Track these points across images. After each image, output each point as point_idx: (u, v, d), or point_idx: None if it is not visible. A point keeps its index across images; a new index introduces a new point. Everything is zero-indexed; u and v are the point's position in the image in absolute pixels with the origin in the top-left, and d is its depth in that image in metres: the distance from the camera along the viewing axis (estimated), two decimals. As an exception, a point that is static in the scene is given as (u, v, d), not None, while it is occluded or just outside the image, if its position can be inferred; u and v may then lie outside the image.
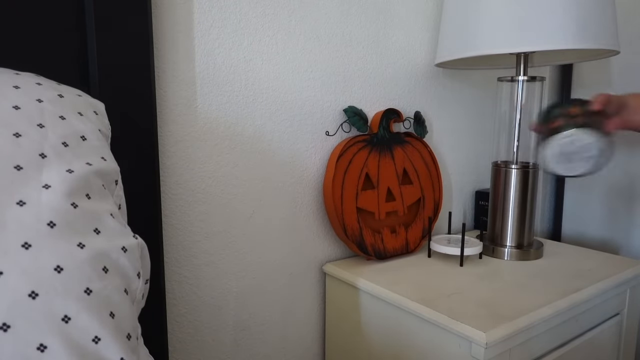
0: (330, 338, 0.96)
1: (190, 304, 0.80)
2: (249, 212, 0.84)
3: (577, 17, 0.82)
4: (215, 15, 0.76)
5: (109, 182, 0.45)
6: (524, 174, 0.97)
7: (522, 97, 0.97)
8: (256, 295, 0.87)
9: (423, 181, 1.02)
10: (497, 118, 1.04)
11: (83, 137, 0.43)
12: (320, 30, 0.89)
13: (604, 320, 0.89)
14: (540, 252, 0.98)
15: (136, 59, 0.65)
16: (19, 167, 0.37)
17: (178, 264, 0.78)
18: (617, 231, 1.29)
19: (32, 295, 0.33)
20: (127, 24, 0.64)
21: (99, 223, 0.40)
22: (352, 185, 0.90)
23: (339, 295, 0.91)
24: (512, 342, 0.69)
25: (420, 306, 0.73)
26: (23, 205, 0.35)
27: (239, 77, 0.80)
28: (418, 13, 1.03)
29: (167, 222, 0.76)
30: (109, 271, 0.38)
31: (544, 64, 1.13)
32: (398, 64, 1.02)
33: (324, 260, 0.96)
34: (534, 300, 0.75)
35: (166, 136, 0.74)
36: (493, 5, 0.86)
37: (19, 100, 0.41)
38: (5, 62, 0.54)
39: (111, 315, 0.37)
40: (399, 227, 0.97)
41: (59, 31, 0.60)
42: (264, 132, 0.84)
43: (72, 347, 0.33)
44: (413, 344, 0.76)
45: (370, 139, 0.94)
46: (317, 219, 0.94)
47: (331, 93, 0.92)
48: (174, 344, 0.79)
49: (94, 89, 0.62)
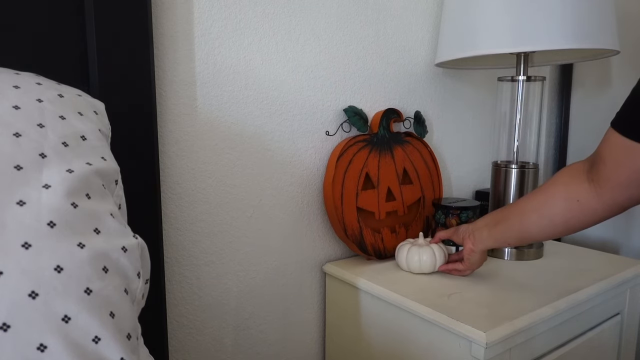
0: (330, 338, 0.96)
1: (190, 304, 0.80)
2: (249, 212, 0.84)
3: (577, 17, 0.82)
4: (215, 15, 0.76)
5: (109, 182, 0.45)
6: (524, 174, 0.97)
7: (522, 97, 0.97)
8: (256, 295, 0.87)
9: (423, 181, 1.02)
10: (497, 118, 1.04)
11: (83, 137, 0.43)
12: (320, 30, 0.89)
13: (604, 320, 0.89)
14: (540, 252, 0.98)
15: (136, 59, 0.65)
16: (19, 167, 0.37)
17: (178, 264, 0.78)
18: (617, 231, 1.29)
19: (32, 295, 0.33)
20: (127, 24, 0.64)
21: (99, 223, 0.40)
22: (352, 185, 0.90)
23: (339, 295, 0.91)
24: (512, 342, 0.69)
25: (420, 306, 0.73)
26: (23, 205, 0.35)
27: (239, 77, 0.80)
28: (418, 13, 1.03)
29: (167, 222, 0.76)
30: (109, 271, 0.38)
31: (544, 64, 1.13)
32: (398, 64, 1.02)
33: (324, 260, 0.96)
34: (534, 300, 0.75)
35: (166, 136, 0.74)
36: (493, 5, 0.86)
37: (19, 100, 0.41)
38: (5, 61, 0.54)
39: (111, 315, 0.37)
40: (399, 227, 0.97)
41: (59, 31, 0.60)
42: (264, 132, 0.84)
43: (72, 347, 0.33)
44: (413, 344, 0.76)
45: (371, 139, 0.94)
46: (317, 219, 0.94)
47: (331, 93, 0.92)
48: (174, 344, 0.79)
49: (93, 89, 0.62)
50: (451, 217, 0.92)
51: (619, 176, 0.59)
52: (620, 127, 0.58)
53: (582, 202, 0.64)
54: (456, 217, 0.91)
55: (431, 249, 0.85)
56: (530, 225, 0.70)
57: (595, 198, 0.63)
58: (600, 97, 1.32)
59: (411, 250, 0.86)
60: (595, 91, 1.33)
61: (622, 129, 0.57)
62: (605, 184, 0.61)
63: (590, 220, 0.65)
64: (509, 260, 0.96)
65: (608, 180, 0.61)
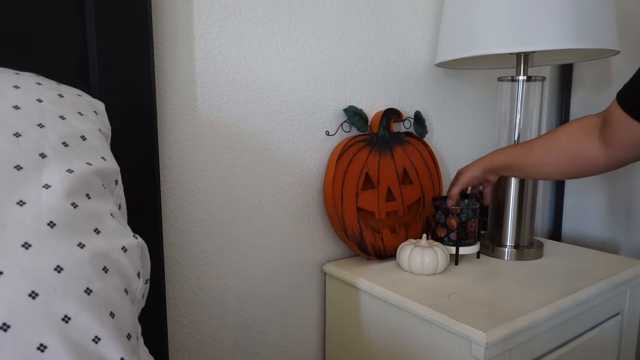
0: (330, 338, 0.96)
1: (190, 304, 0.80)
2: (249, 212, 0.84)
3: (577, 17, 0.82)
4: (215, 15, 0.76)
5: (109, 182, 0.45)
6: (524, 173, 0.97)
7: (522, 97, 0.97)
8: (256, 295, 0.87)
9: (423, 181, 1.02)
10: (497, 118, 1.04)
11: (83, 137, 0.43)
12: (320, 30, 0.89)
13: (604, 320, 0.89)
14: (540, 252, 0.98)
15: (136, 59, 0.65)
16: (19, 167, 0.37)
17: (178, 264, 0.78)
18: (617, 231, 1.29)
19: (32, 295, 0.33)
20: (127, 24, 0.64)
21: (99, 223, 0.40)
22: (352, 185, 0.90)
23: (339, 295, 0.91)
24: (512, 342, 0.69)
25: (420, 306, 0.73)
26: (23, 205, 0.35)
27: (239, 77, 0.80)
28: (418, 13, 1.03)
29: (167, 222, 0.76)
30: (109, 271, 0.38)
31: (544, 64, 1.13)
32: (398, 64, 1.02)
33: (324, 260, 0.96)
34: (534, 300, 0.75)
35: (166, 136, 0.74)
36: (493, 5, 0.86)
37: (19, 100, 0.41)
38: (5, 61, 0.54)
39: (111, 315, 0.37)
40: (399, 226, 0.97)
41: (59, 31, 0.60)
42: (264, 132, 0.84)
43: (72, 347, 0.33)
44: (413, 344, 0.76)
45: (371, 139, 0.94)
46: (317, 219, 0.94)
47: (331, 93, 0.92)
48: (174, 344, 0.79)
49: (93, 89, 0.62)
50: (451, 217, 0.92)
51: (625, 139, 0.69)
52: (622, 102, 0.68)
53: (591, 159, 0.75)
54: (456, 217, 0.91)
55: (434, 251, 0.85)
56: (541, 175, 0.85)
57: (603, 155, 0.73)
58: (600, 97, 1.32)
59: (414, 251, 0.86)
60: (595, 91, 1.33)
61: (623, 103, 0.68)
62: (614, 144, 0.71)
63: (593, 172, 0.78)
64: (509, 260, 0.96)
65: (616, 142, 0.71)
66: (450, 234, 0.92)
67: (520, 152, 0.85)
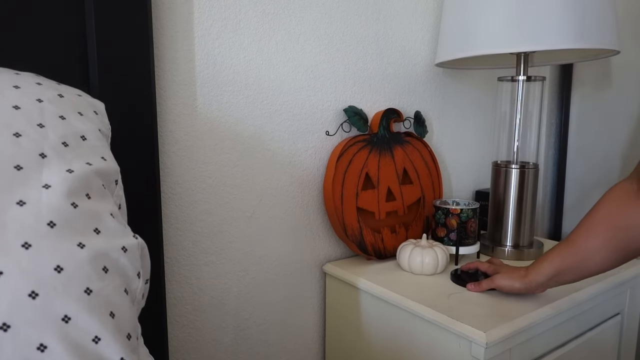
0: (330, 338, 0.96)
1: (190, 304, 0.80)
2: (249, 212, 0.84)
3: (577, 17, 0.82)
4: (215, 15, 0.76)
5: (109, 182, 0.45)
6: (524, 173, 0.97)
7: (522, 97, 0.97)
8: (256, 295, 0.87)
9: (423, 181, 1.02)
10: (497, 118, 1.04)
11: (83, 137, 0.43)
12: (320, 30, 0.89)
13: (604, 320, 0.89)
14: (540, 252, 0.98)
15: (136, 59, 0.65)
16: (19, 167, 0.37)
17: (178, 264, 0.78)
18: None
19: (32, 295, 0.33)
20: (127, 24, 0.64)
21: (99, 223, 0.40)
22: (352, 185, 0.90)
23: (339, 295, 0.91)
24: (512, 342, 0.69)
25: (420, 306, 0.73)
26: (23, 205, 0.35)
27: (239, 77, 0.80)
28: (418, 13, 1.03)
29: (167, 222, 0.76)
30: (109, 271, 0.38)
31: (544, 64, 1.13)
32: (398, 64, 1.02)
33: (324, 260, 0.96)
34: (534, 300, 0.75)
35: (166, 136, 0.74)
36: (493, 5, 0.86)
37: (19, 100, 0.41)
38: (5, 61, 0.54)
39: (111, 315, 0.37)
40: (399, 227, 0.97)
41: (59, 31, 0.60)
42: (264, 132, 0.84)
43: (72, 347, 0.33)
44: (413, 344, 0.76)
45: (371, 139, 0.94)
46: (317, 219, 0.94)
47: (331, 93, 0.92)
48: (174, 344, 0.79)
49: (94, 89, 0.62)
50: (451, 217, 0.92)
51: None
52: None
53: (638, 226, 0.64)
54: (456, 217, 0.91)
55: (434, 251, 0.85)
56: (595, 266, 0.69)
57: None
58: (600, 97, 1.32)
59: (414, 251, 0.86)
60: (595, 91, 1.33)
61: None
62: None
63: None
64: (509, 260, 0.96)
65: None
66: (450, 234, 0.92)
67: (563, 250, 0.72)
